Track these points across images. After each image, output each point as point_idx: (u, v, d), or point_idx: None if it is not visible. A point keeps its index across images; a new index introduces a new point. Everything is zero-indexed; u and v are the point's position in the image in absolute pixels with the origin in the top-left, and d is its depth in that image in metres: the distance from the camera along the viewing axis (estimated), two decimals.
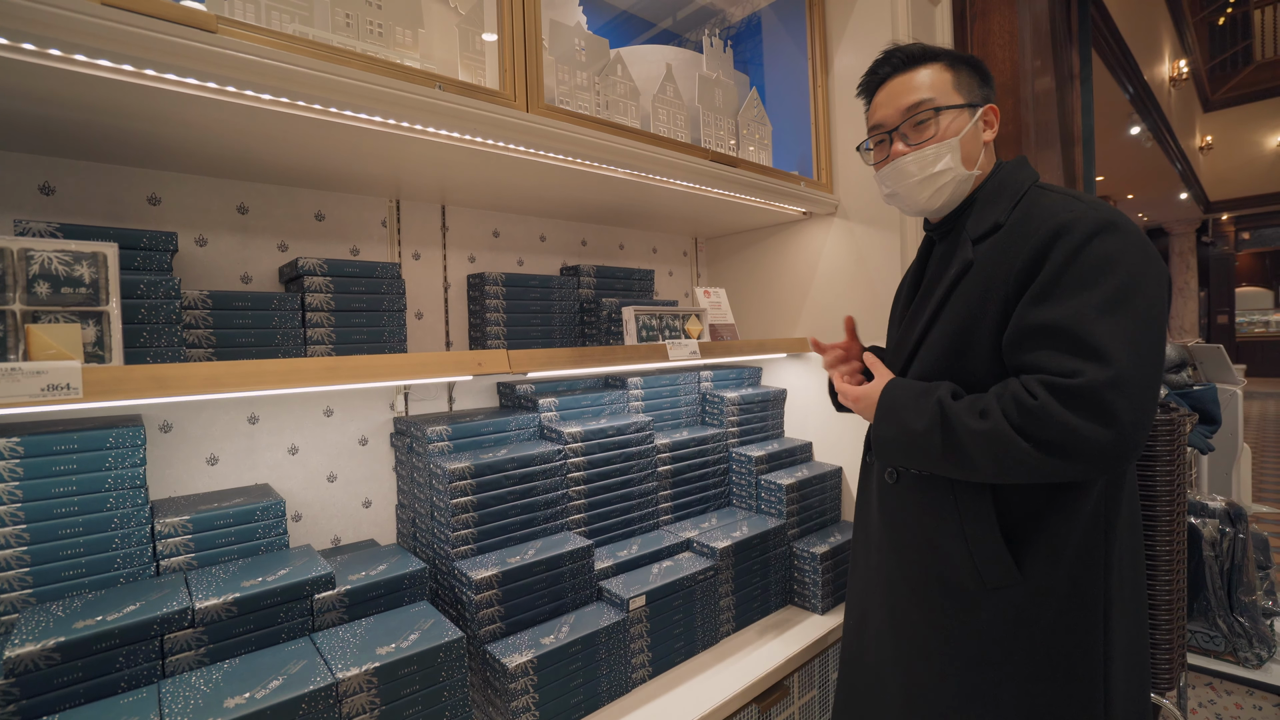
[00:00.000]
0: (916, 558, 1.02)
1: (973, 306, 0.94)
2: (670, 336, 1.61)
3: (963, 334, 0.95)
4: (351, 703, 0.90)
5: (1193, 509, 1.74)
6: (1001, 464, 0.85)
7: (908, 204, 1.06)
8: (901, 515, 1.04)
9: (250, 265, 1.31)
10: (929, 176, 1.00)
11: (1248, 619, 1.69)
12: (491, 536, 1.26)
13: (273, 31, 0.90)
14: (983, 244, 0.96)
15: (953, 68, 1.01)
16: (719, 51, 1.80)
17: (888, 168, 1.04)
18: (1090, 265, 0.84)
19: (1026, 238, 0.90)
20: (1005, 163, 1.04)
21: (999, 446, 0.84)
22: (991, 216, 0.97)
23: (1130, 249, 0.84)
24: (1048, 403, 0.81)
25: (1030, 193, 0.96)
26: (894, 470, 1.05)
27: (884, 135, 1.04)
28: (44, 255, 0.85)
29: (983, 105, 1.02)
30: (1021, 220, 0.93)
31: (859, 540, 1.20)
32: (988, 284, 0.93)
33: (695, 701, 1.22)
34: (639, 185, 1.50)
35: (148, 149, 1.10)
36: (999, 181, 1.01)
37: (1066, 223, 0.86)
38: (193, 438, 1.22)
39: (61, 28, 0.72)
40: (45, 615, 0.87)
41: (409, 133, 1.08)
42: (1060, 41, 2.71)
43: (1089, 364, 0.80)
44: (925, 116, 0.99)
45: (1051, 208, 0.90)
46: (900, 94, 1.01)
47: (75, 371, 0.75)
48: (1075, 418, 0.79)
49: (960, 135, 0.98)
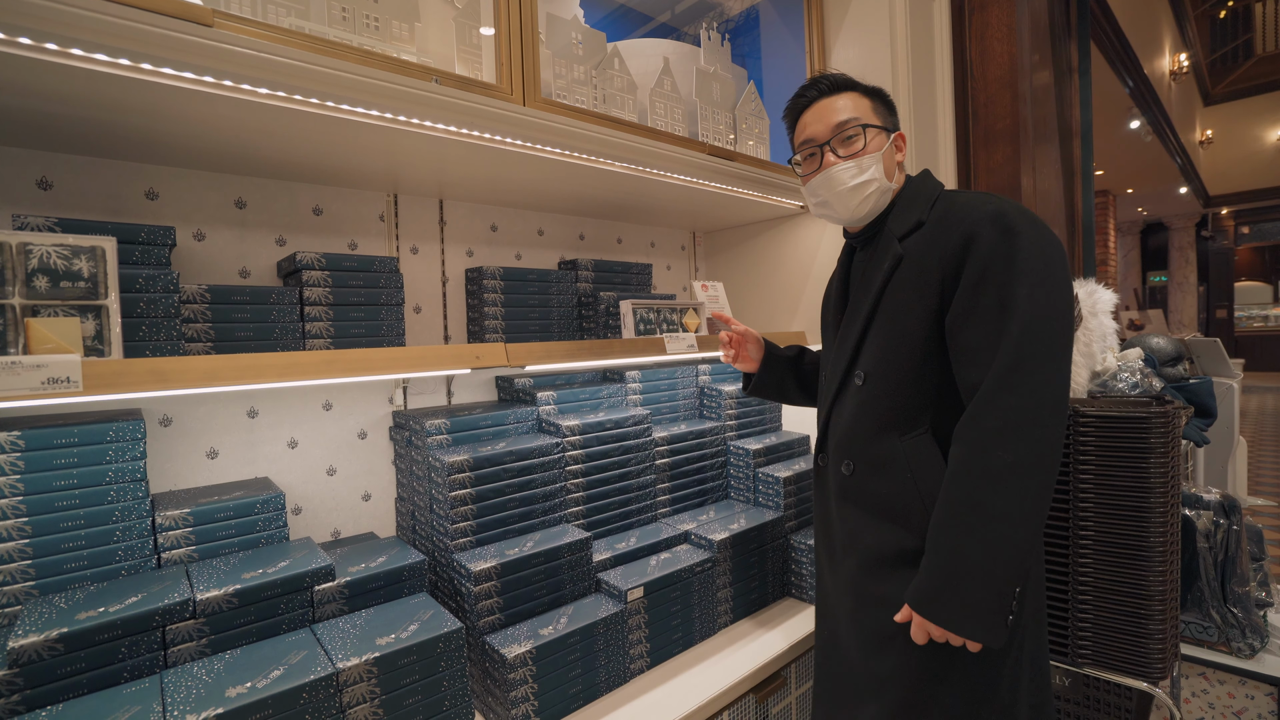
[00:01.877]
0: (877, 540, 1.05)
1: (909, 291, 1.03)
2: (668, 330, 1.62)
3: (903, 316, 1.03)
4: (352, 692, 0.91)
5: (1187, 501, 1.75)
6: (1031, 483, 0.89)
7: (838, 210, 1.13)
8: (860, 504, 1.08)
9: (248, 259, 1.32)
10: (859, 184, 1.09)
11: (1241, 610, 1.70)
12: (490, 529, 1.27)
13: (269, 25, 0.90)
14: (909, 240, 1.06)
15: (869, 96, 1.13)
16: (717, 45, 1.80)
17: (819, 177, 1.12)
18: (1004, 279, 0.95)
19: (951, 228, 1.00)
20: (912, 177, 1.15)
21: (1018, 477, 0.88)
22: (913, 216, 1.07)
23: (1037, 255, 0.95)
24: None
25: (942, 195, 1.08)
26: (850, 462, 1.09)
27: (815, 149, 1.13)
28: (43, 249, 0.86)
29: (894, 131, 1.13)
30: (942, 215, 1.03)
31: (820, 545, 1.22)
32: (921, 270, 1.02)
33: (693, 692, 1.23)
34: (637, 179, 1.51)
35: (145, 143, 1.10)
36: (913, 189, 1.12)
37: (978, 225, 0.98)
38: (193, 431, 1.22)
39: (59, 22, 0.72)
40: (48, 607, 0.88)
41: (406, 126, 1.08)
42: (1059, 35, 2.71)
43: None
44: (854, 132, 1.09)
45: (968, 205, 1.02)
46: (829, 113, 1.11)
47: (75, 365, 0.76)
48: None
49: (881, 151, 1.09)
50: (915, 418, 1.03)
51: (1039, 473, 0.89)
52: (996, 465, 0.88)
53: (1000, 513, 0.88)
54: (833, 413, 1.16)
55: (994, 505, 0.88)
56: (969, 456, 0.92)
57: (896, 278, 1.06)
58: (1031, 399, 0.89)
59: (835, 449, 1.14)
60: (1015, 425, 0.88)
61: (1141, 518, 1.31)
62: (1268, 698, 1.68)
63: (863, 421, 1.08)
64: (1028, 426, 0.88)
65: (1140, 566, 1.31)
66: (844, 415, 1.12)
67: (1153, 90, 5.91)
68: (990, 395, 0.91)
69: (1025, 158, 2.13)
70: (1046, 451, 0.89)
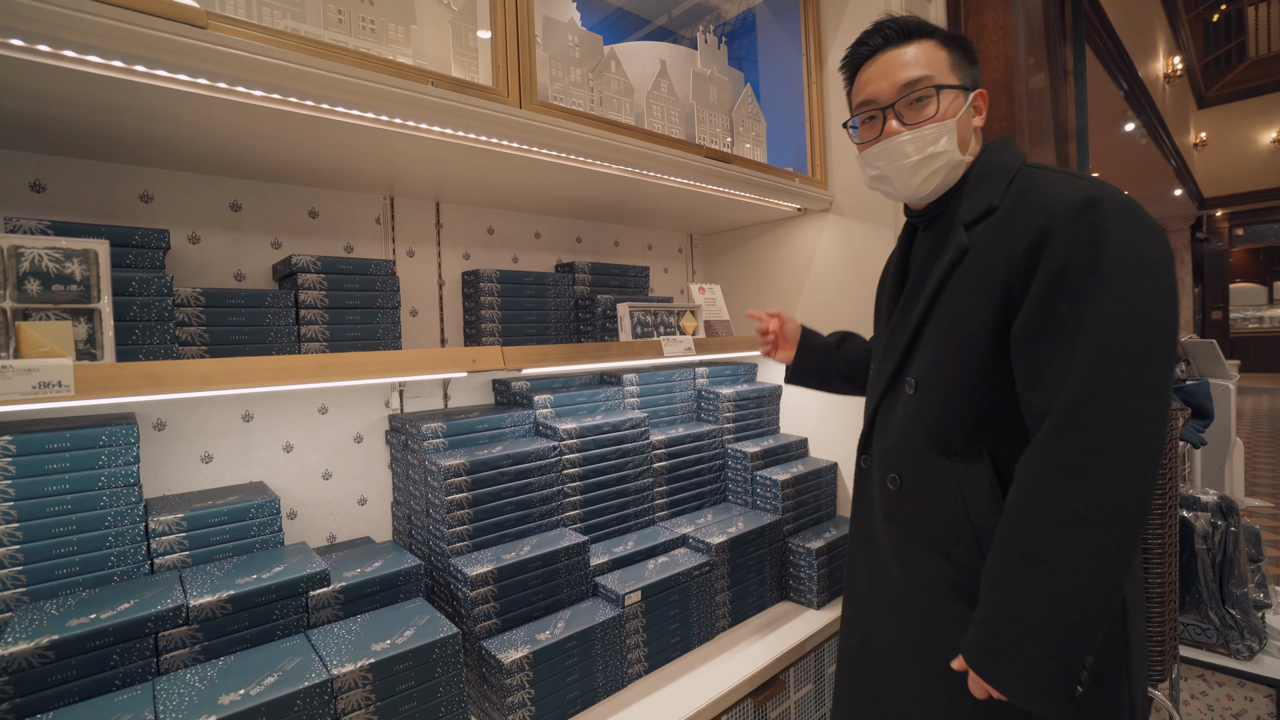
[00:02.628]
0: (928, 568, 0.94)
1: (971, 294, 0.89)
2: (665, 333, 1.61)
3: (962, 322, 0.90)
4: (347, 699, 0.90)
5: (1185, 503, 1.76)
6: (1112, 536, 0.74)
7: (898, 187, 0.99)
8: (907, 524, 0.97)
9: (244, 263, 1.31)
10: (925, 158, 0.93)
11: (1239, 611, 1.70)
12: (487, 533, 1.26)
13: (264, 27, 0.90)
14: (978, 228, 0.91)
15: (947, 46, 0.95)
16: (713, 48, 1.80)
17: (878, 147, 0.97)
18: (1091, 277, 0.78)
19: (1027, 217, 0.84)
20: (990, 144, 0.99)
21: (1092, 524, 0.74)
22: (985, 199, 0.91)
23: (1136, 246, 0.79)
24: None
25: (1021, 172, 0.92)
26: (897, 476, 0.98)
27: (876, 112, 0.97)
28: (35, 252, 0.85)
29: (973, 89, 0.97)
30: (1018, 199, 0.88)
31: (858, 550, 1.12)
32: (986, 268, 0.87)
33: (691, 696, 1.22)
34: (634, 182, 1.50)
35: (139, 146, 1.09)
36: (987, 163, 0.96)
37: (1068, 206, 0.81)
38: (187, 436, 1.22)
39: (51, 23, 0.72)
40: (39, 613, 0.87)
41: (402, 129, 1.07)
42: (1054, 38, 2.72)
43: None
44: (925, 94, 0.92)
45: (1052, 186, 0.85)
46: (895, 69, 0.94)
47: (67, 369, 0.75)
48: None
49: (957, 117, 0.93)
50: (971, 438, 0.90)
51: (1117, 526, 0.73)
52: (1064, 514, 0.75)
53: (1065, 570, 0.74)
54: (878, 414, 1.05)
55: (1059, 561, 0.75)
56: (1032, 501, 0.78)
57: (959, 274, 0.90)
58: (1112, 435, 0.73)
59: (881, 458, 1.03)
60: (1089, 468, 0.73)
61: None
62: (1266, 699, 1.68)
63: (912, 434, 0.95)
64: (1105, 470, 0.73)
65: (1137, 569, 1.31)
66: (892, 422, 1.01)
67: (1147, 93, 5.94)
68: (1060, 428, 0.76)
69: None
70: (1129, 503, 0.73)
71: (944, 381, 0.92)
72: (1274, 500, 4.92)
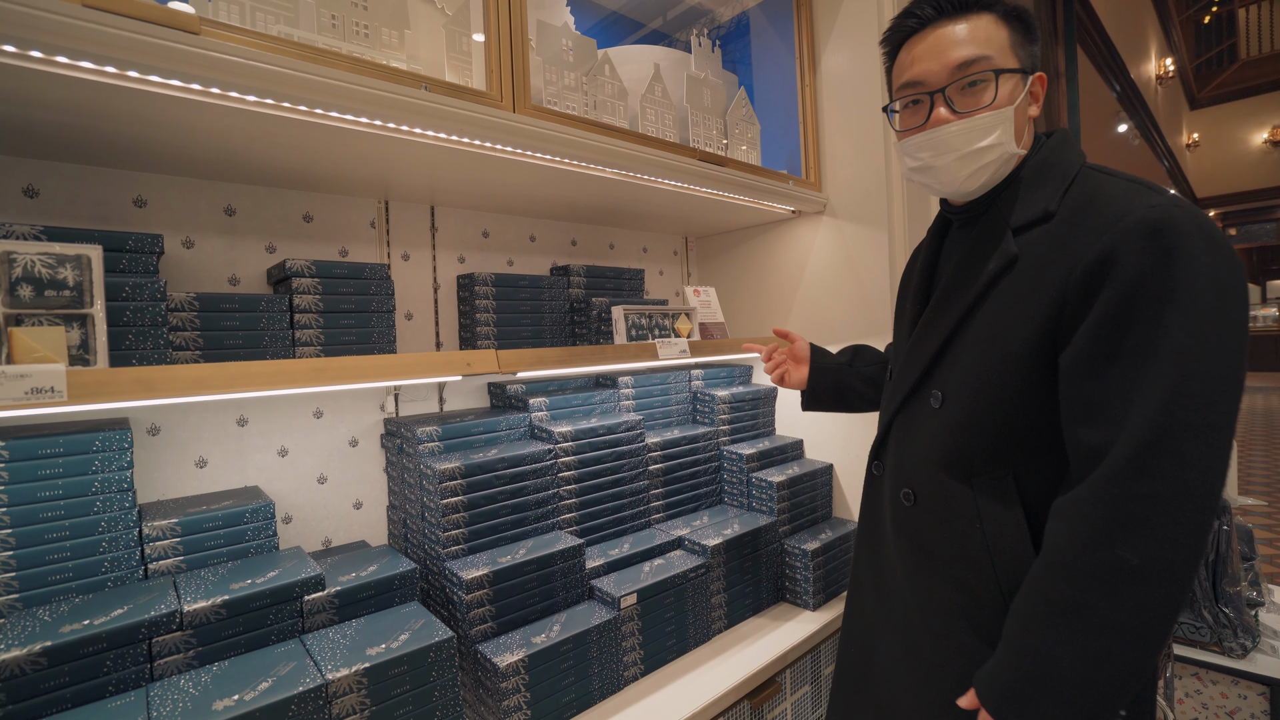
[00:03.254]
0: (937, 590, 0.89)
1: (1017, 308, 0.80)
2: (660, 335, 1.62)
3: (1002, 340, 0.81)
4: (341, 703, 0.90)
5: None
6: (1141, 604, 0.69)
7: (942, 181, 0.88)
8: (919, 542, 0.92)
9: (238, 267, 1.31)
10: (976, 151, 0.83)
11: (1232, 609, 1.71)
12: (482, 536, 1.26)
13: (257, 33, 0.90)
14: (1028, 235, 0.81)
15: (1008, 22, 0.84)
16: (707, 51, 1.80)
17: (923, 136, 0.86)
18: (1160, 307, 0.70)
19: (1092, 232, 0.75)
20: (1045, 138, 0.89)
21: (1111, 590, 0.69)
22: (1039, 203, 0.81)
23: (1214, 277, 0.70)
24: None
25: (1082, 175, 0.82)
26: (911, 492, 0.92)
27: (923, 96, 0.86)
28: (27, 258, 0.85)
29: (1033, 73, 0.85)
30: (1080, 210, 0.78)
31: (864, 562, 1.07)
32: (1038, 283, 0.78)
33: (687, 699, 1.22)
34: (628, 185, 1.51)
35: (133, 151, 1.09)
36: (1042, 161, 0.85)
37: (1141, 225, 0.71)
38: (181, 440, 1.21)
39: (43, 30, 0.72)
40: (32, 619, 0.87)
41: (396, 134, 1.08)
42: (1046, 41, 2.74)
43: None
44: (983, 78, 0.81)
45: (1122, 198, 0.75)
46: (948, 47, 0.82)
47: (59, 374, 0.75)
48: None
49: (1014, 105, 0.82)
50: (995, 460, 0.84)
51: (1170, 583, 0.68)
52: (1115, 566, 0.69)
53: (1111, 625, 0.69)
54: (895, 422, 0.98)
55: (1104, 615, 0.69)
56: (1079, 546, 0.71)
57: (1004, 284, 0.82)
58: (1177, 488, 0.67)
59: (895, 469, 0.97)
60: (1148, 521, 0.68)
61: None
62: (1260, 697, 1.69)
63: (932, 450, 0.89)
64: (1165, 524, 0.67)
65: None
66: (911, 434, 0.94)
67: (1140, 94, 5.98)
68: (1121, 474, 0.69)
69: None
70: (1184, 558, 0.68)
71: (974, 400, 0.84)
72: (1268, 499, 4.95)
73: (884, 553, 1.02)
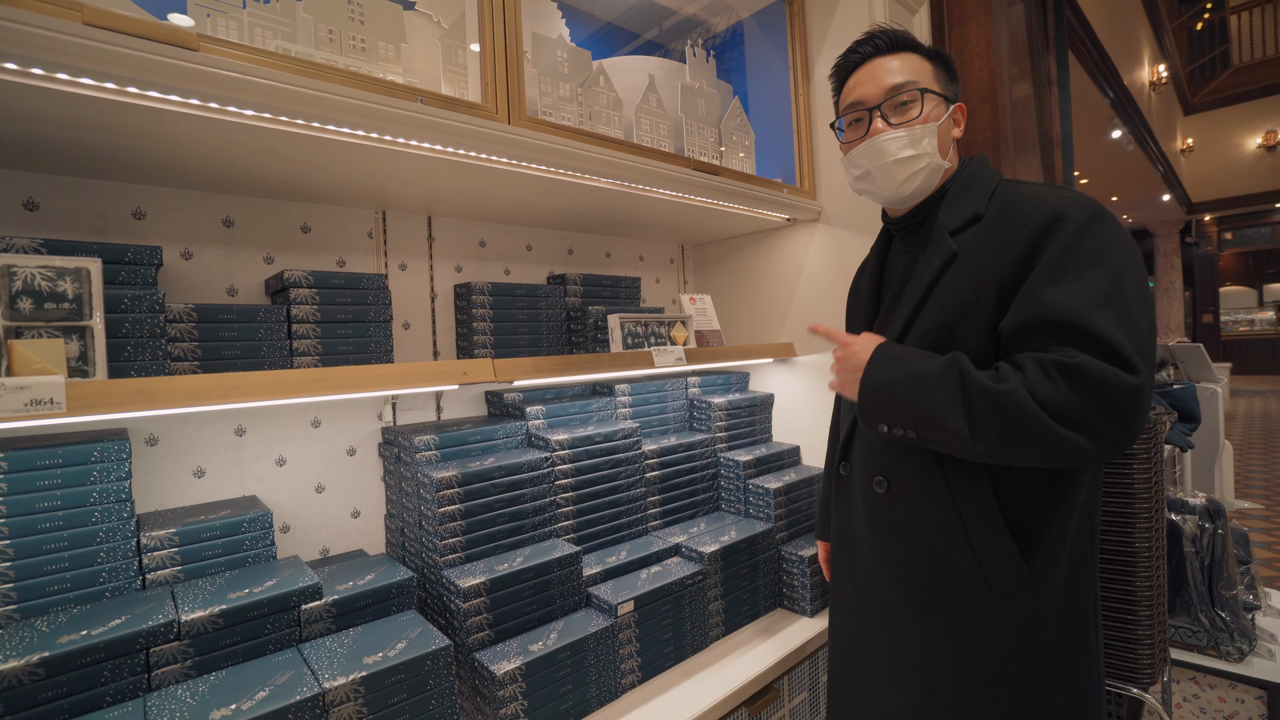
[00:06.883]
0: (916, 571, 0.96)
1: (962, 296, 0.92)
2: (656, 343, 1.63)
3: (953, 325, 0.92)
4: (339, 712, 0.90)
5: (1173, 506, 1.77)
6: (1008, 429, 0.80)
7: (881, 184, 1.02)
8: (896, 528, 0.98)
9: (236, 278, 1.32)
10: (908, 157, 0.98)
11: (1229, 613, 1.71)
12: (479, 544, 1.27)
13: (255, 48, 0.91)
14: (964, 234, 0.95)
15: (930, 60, 1.02)
16: (702, 61, 1.82)
17: (864, 145, 1.01)
18: (1091, 251, 0.84)
19: (1018, 223, 0.89)
20: (968, 160, 1.04)
21: (1013, 409, 0.79)
22: (970, 207, 0.96)
23: (1121, 237, 0.86)
24: (1085, 363, 0.78)
25: (1002, 185, 0.97)
26: (884, 479, 0.99)
27: (863, 113, 1.02)
28: (27, 271, 0.86)
29: (954, 102, 1.03)
30: (1004, 209, 0.92)
31: (841, 570, 1.13)
32: (979, 272, 0.91)
33: (685, 706, 1.23)
34: (624, 194, 1.52)
35: (132, 164, 1.10)
36: (968, 176, 1.01)
37: (1060, 208, 0.87)
38: (179, 450, 1.22)
39: (44, 47, 0.73)
40: (29, 630, 0.87)
41: (393, 146, 1.09)
42: (1038, 49, 2.76)
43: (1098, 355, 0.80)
44: (910, 97, 0.98)
45: (1038, 195, 0.91)
46: (883, 75, 1.00)
47: (58, 386, 0.76)
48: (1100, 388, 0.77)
49: (939, 122, 0.99)
50: None
51: (1020, 444, 0.79)
52: (1020, 397, 0.78)
53: (974, 403, 0.81)
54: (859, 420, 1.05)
55: (978, 400, 0.81)
56: (1014, 377, 0.80)
57: (948, 277, 0.94)
58: (1144, 324, 0.80)
59: (864, 462, 1.04)
60: (1078, 417, 0.77)
61: (1126, 524, 1.32)
62: (1257, 700, 1.69)
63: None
64: (1074, 425, 0.77)
65: (1127, 572, 1.33)
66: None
67: (1133, 100, 6.02)
68: (1085, 327, 0.79)
69: (1006, 168, 2.17)
70: (1040, 450, 0.79)
71: None
72: (1265, 502, 4.95)
73: (856, 547, 1.08)
